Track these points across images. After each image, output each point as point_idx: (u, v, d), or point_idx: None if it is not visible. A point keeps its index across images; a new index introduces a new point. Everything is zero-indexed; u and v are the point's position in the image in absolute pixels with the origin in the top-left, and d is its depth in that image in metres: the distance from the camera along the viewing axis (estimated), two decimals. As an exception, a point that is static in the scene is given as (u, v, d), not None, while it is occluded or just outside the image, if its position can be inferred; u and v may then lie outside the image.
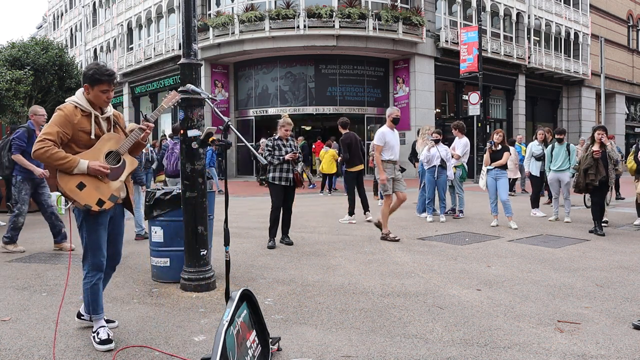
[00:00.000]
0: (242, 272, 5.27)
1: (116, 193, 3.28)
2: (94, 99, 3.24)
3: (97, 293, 3.35)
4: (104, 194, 3.22)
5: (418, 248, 6.57)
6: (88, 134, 3.23)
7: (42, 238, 7.39)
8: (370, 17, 19.98)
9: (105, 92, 3.23)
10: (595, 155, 7.46)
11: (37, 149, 3.05)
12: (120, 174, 3.33)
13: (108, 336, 3.27)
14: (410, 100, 22.04)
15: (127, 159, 3.37)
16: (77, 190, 3.15)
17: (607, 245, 6.79)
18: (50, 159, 3.08)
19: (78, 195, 3.14)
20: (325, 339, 3.40)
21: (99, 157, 3.24)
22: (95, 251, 3.30)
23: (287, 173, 6.66)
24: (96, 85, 3.20)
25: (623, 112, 33.88)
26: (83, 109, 3.23)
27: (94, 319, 3.37)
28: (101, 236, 3.31)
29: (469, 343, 3.34)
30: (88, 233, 3.29)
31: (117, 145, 3.32)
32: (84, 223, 3.27)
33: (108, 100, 3.27)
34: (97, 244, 3.30)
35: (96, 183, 3.21)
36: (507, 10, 25.60)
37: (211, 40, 21.20)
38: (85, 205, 3.15)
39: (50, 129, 3.12)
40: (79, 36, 35.07)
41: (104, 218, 3.30)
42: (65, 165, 3.09)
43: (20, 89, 10.47)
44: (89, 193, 3.18)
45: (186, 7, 4.53)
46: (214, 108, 3.22)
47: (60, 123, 3.15)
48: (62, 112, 3.18)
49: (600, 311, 3.98)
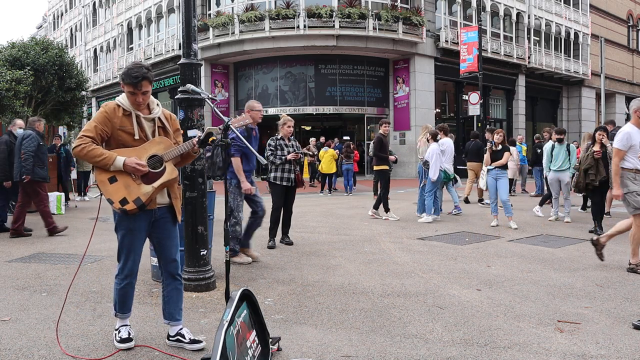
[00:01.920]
0: (242, 272, 5.27)
1: (143, 197, 3.08)
2: (128, 99, 3.15)
3: (126, 295, 3.26)
4: (130, 194, 3.06)
5: (418, 248, 6.57)
6: (130, 134, 3.12)
7: (42, 238, 7.40)
8: (370, 17, 19.99)
9: (133, 95, 3.09)
10: (595, 155, 7.47)
11: (75, 147, 3.02)
12: (156, 179, 3.13)
13: (129, 335, 3.24)
14: (410, 100, 22.04)
15: (168, 168, 3.17)
16: (107, 182, 3.05)
17: (607, 245, 6.78)
18: (87, 157, 3.02)
19: (106, 188, 3.05)
20: (325, 339, 3.40)
21: (142, 157, 3.11)
22: (126, 255, 3.18)
23: (288, 173, 6.66)
24: (125, 85, 3.11)
25: (623, 112, 33.86)
26: (125, 108, 3.13)
27: (119, 316, 3.29)
28: (134, 240, 3.16)
29: (469, 343, 3.34)
30: (121, 237, 3.17)
31: (165, 151, 3.16)
32: (119, 224, 3.16)
33: (138, 104, 3.12)
34: (128, 247, 3.17)
35: (128, 181, 3.07)
36: (507, 10, 25.60)
37: (211, 40, 21.21)
38: (108, 199, 3.05)
39: (89, 126, 3.07)
40: (79, 36, 35.08)
41: (139, 222, 3.14)
42: (102, 163, 3.02)
43: (20, 89, 10.47)
44: (116, 189, 3.06)
45: (186, 7, 4.53)
46: (214, 108, 3.20)
47: (100, 120, 3.08)
48: (102, 110, 3.12)
49: (600, 311, 3.98)
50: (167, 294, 3.31)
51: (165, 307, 3.32)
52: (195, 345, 3.22)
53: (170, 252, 3.28)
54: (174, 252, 3.30)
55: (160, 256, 3.30)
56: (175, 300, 3.31)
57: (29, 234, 7.61)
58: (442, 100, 24.66)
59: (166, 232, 3.26)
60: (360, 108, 22.41)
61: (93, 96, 31.80)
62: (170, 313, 3.30)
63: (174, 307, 3.30)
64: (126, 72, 3.09)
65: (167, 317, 3.31)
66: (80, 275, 5.15)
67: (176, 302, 3.31)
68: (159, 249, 3.28)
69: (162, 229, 3.25)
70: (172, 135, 3.28)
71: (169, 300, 3.30)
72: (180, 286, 3.34)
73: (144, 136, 3.16)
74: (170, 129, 3.28)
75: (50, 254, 6.21)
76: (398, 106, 22.62)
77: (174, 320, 3.29)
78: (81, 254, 6.23)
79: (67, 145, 14.30)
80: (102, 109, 3.12)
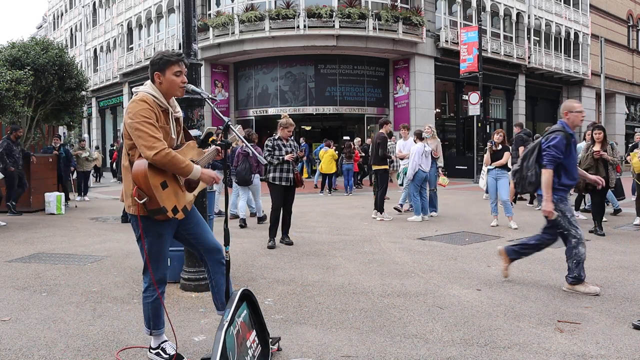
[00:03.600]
0: (242, 272, 5.27)
1: (189, 206, 2.98)
2: (169, 86, 2.88)
3: (159, 307, 3.01)
4: (180, 203, 2.89)
5: (418, 248, 6.57)
6: (167, 133, 2.89)
7: (42, 238, 7.40)
8: (370, 17, 19.98)
9: (179, 75, 2.88)
10: (595, 155, 7.46)
11: (157, 153, 2.69)
12: (195, 187, 3.03)
13: (175, 350, 3.03)
14: (410, 100, 22.04)
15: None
16: (160, 188, 2.77)
17: (607, 245, 6.78)
18: (170, 163, 2.73)
19: (159, 194, 2.75)
20: (325, 339, 3.40)
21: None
22: (157, 263, 2.96)
23: (287, 173, 6.66)
24: (167, 68, 2.86)
25: (623, 112, 33.89)
26: (160, 103, 2.87)
27: (155, 334, 3.04)
28: (164, 247, 2.97)
29: (469, 343, 3.34)
30: (149, 244, 2.91)
31: (199, 157, 3.03)
32: (145, 233, 2.88)
33: (183, 85, 2.92)
34: (159, 255, 2.96)
35: (176, 188, 2.88)
36: (507, 10, 25.60)
37: (211, 40, 21.20)
38: (162, 207, 2.76)
39: (150, 129, 2.71)
40: (79, 36, 35.07)
41: (167, 228, 2.94)
42: (185, 170, 2.79)
43: (20, 89, 10.45)
44: (168, 195, 2.81)
45: (186, 7, 4.53)
46: (214, 108, 3.20)
47: (154, 118, 2.78)
48: (146, 106, 2.78)
49: (600, 311, 3.98)
50: (217, 282, 3.14)
51: (217, 297, 3.15)
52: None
53: (209, 240, 3.12)
54: (212, 238, 3.14)
55: (199, 248, 3.11)
56: (224, 287, 3.11)
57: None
58: (442, 100, 24.65)
59: (195, 220, 3.10)
60: (360, 108, 22.41)
61: (93, 96, 31.79)
62: (223, 303, 3.10)
63: (223, 294, 3.11)
64: (166, 54, 2.91)
65: (222, 308, 3.11)
66: (80, 275, 5.15)
67: (224, 289, 3.10)
68: (196, 242, 3.10)
69: (193, 223, 3.08)
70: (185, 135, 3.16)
71: (220, 290, 3.13)
72: (226, 272, 3.10)
73: (177, 135, 3.01)
74: (184, 130, 3.16)
75: (50, 254, 6.21)
76: (398, 106, 22.62)
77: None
78: (81, 254, 6.23)
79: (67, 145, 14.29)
80: (144, 104, 2.79)
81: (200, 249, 3.12)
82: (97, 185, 20.17)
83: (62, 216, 10.24)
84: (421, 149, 9.11)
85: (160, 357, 3.01)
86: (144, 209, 2.79)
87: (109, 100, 31.43)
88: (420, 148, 9.12)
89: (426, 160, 9.19)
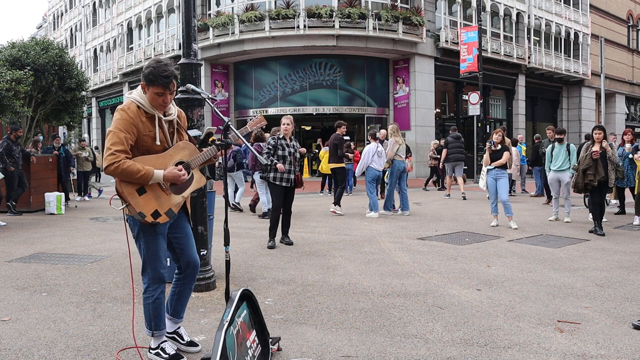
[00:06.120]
0: (242, 272, 5.27)
1: (175, 209, 2.95)
2: (151, 101, 2.87)
3: (160, 307, 3.03)
4: (162, 206, 2.88)
5: (418, 248, 6.57)
6: (153, 139, 2.89)
7: (42, 238, 7.40)
8: (370, 17, 19.98)
9: (161, 96, 2.84)
10: (594, 155, 7.46)
11: (107, 165, 2.72)
12: (185, 188, 3.01)
13: (176, 350, 3.05)
14: (410, 100, 22.04)
15: (196, 175, 3.06)
16: (136, 194, 2.81)
17: (607, 245, 6.79)
18: (122, 175, 2.75)
19: (135, 200, 2.81)
20: (325, 339, 3.40)
21: (168, 164, 2.91)
22: (154, 263, 2.97)
23: (287, 174, 6.66)
24: (151, 86, 2.83)
25: (623, 112, 33.88)
26: (147, 110, 2.87)
27: (156, 335, 3.04)
28: (160, 246, 2.98)
29: (469, 343, 3.34)
30: (146, 244, 2.94)
31: (190, 157, 3.00)
32: (141, 233, 2.93)
33: (164, 105, 2.89)
34: (156, 255, 2.97)
35: (157, 192, 2.88)
36: (507, 10, 25.59)
37: (211, 40, 21.20)
38: (140, 213, 2.82)
39: (116, 137, 2.75)
40: (79, 36, 35.07)
41: (162, 227, 2.97)
42: (141, 179, 2.78)
43: (20, 89, 10.46)
44: (146, 201, 2.84)
45: (186, 7, 4.53)
46: (214, 108, 3.20)
47: (126, 128, 2.78)
48: (126, 114, 2.80)
49: (600, 311, 3.98)
50: (180, 291, 3.18)
51: (172, 302, 3.20)
52: (192, 348, 3.20)
53: (192, 252, 3.15)
54: (195, 254, 3.17)
55: (181, 256, 3.14)
56: (186, 299, 3.20)
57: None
58: (442, 100, 24.65)
59: (184, 230, 3.13)
60: (360, 108, 22.41)
61: (93, 96, 31.79)
62: (176, 309, 3.20)
63: (182, 305, 3.20)
64: (153, 72, 2.81)
65: (172, 313, 3.20)
66: (80, 275, 5.15)
67: (186, 300, 3.21)
68: (180, 249, 3.13)
69: (181, 228, 3.11)
70: (184, 136, 3.12)
71: (180, 298, 3.18)
72: (193, 286, 3.23)
73: (164, 140, 2.97)
74: (182, 130, 3.12)
75: (50, 254, 6.21)
76: (398, 106, 22.61)
77: (177, 317, 3.23)
78: (81, 254, 6.23)
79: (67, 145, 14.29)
80: (124, 114, 2.81)
81: (181, 259, 3.16)
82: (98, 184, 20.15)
83: (62, 216, 10.24)
84: (373, 148, 9.67)
85: (160, 357, 3.01)
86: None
87: (109, 100, 31.43)
88: (373, 148, 9.68)
89: (379, 160, 9.72)
